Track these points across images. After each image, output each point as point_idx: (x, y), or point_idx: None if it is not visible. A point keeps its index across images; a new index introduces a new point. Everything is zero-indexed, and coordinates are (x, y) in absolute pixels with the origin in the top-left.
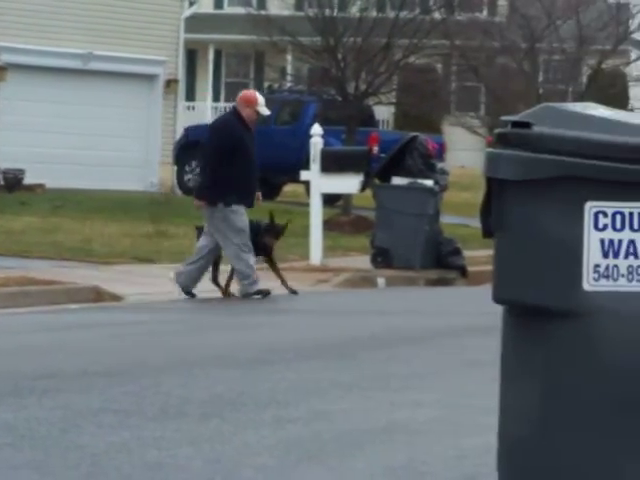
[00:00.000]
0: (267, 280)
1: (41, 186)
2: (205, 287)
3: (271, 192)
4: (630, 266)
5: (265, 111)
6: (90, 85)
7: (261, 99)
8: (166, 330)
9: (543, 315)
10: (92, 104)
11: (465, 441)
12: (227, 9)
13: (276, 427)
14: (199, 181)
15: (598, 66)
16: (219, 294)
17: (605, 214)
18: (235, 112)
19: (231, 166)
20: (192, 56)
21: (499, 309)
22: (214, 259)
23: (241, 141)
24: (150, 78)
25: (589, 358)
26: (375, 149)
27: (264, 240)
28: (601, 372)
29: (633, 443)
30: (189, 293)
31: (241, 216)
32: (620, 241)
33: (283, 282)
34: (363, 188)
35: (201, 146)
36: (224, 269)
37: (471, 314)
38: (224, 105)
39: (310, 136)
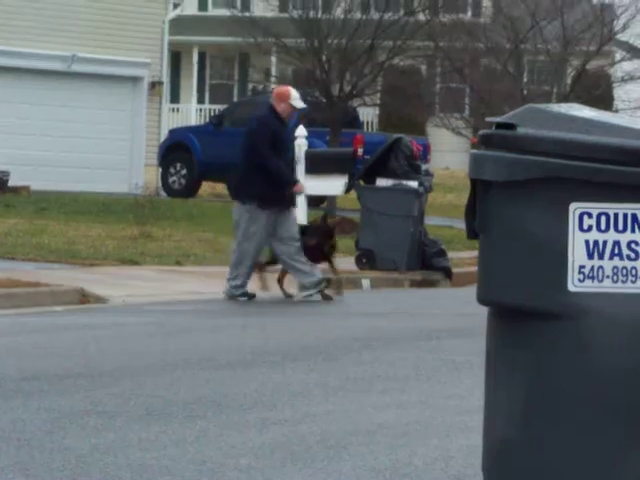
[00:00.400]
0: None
1: (26, 188)
2: (191, 289)
3: None
4: (615, 267)
5: (300, 104)
6: (74, 87)
7: (295, 93)
8: (151, 332)
9: (528, 316)
10: (76, 106)
11: (450, 442)
12: (211, 11)
13: (261, 429)
14: (277, 174)
15: (582, 67)
16: (205, 296)
17: (590, 215)
18: (271, 108)
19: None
20: (176, 58)
21: (484, 310)
22: (273, 260)
23: (279, 137)
24: (134, 80)
25: (574, 359)
26: (360, 151)
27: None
28: (586, 373)
29: (618, 443)
30: (247, 294)
31: (267, 217)
32: (605, 242)
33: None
34: (348, 190)
35: (241, 145)
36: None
37: (456, 316)
38: (209, 107)
39: (294, 138)
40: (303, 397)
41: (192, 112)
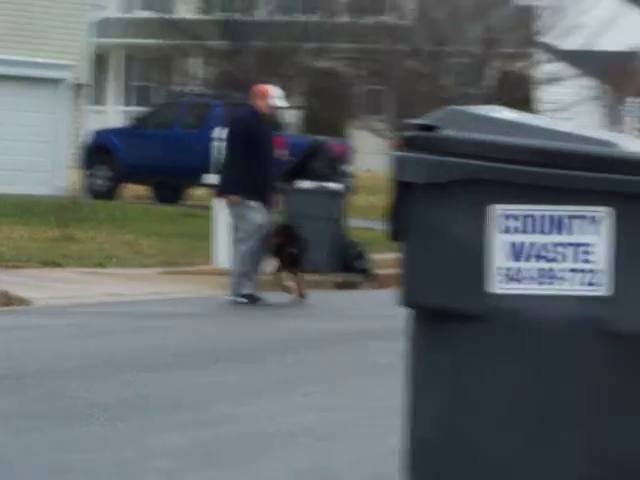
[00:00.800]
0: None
1: None
2: (113, 291)
3: (177, 196)
4: (537, 269)
5: (280, 103)
6: None
7: (274, 91)
8: (73, 334)
9: (449, 318)
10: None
11: (371, 444)
12: (135, 13)
13: (183, 430)
14: (221, 177)
15: (504, 69)
16: (127, 297)
17: (512, 217)
18: (251, 107)
19: (249, 160)
20: (101, 60)
21: (406, 312)
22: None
23: (258, 135)
24: (59, 82)
25: (495, 360)
26: (282, 153)
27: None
28: (508, 374)
29: (540, 443)
30: (252, 297)
31: (257, 213)
32: (527, 244)
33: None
34: None
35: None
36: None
37: (377, 317)
38: (131, 109)
39: (214, 140)
40: (225, 399)
41: (116, 114)
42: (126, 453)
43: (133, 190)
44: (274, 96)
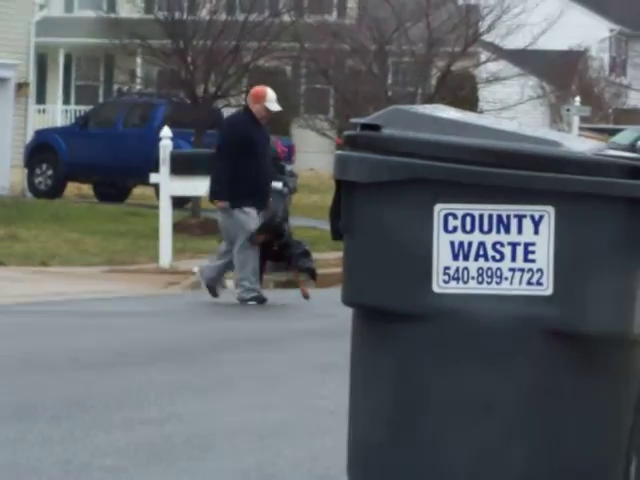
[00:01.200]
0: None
1: None
2: (57, 289)
3: (121, 194)
4: (480, 268)
5: (274, 107)
6: None
7: (271, 95)
8: (16, 332)
9: (393, 317)
10: None
11: (315, 443)
12: (77, 12)
13: (126, 429)
14: (211, 181)
15: (447, 68)
16: (71, 296)
17: (455, 216)
18: (246, 109)
19: (241, 165)
20: (43, 59)
21: (349, 311)
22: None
23: (250, 139)
24: (2, 82)
25: (438, 359)
26: None
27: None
28: (450, 373)
29: (483, 441)
30: (212, 289)
31: (253, 219)
32: (470, 243)
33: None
34: None
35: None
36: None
37: (320, 316)
38: (74, 108)
39: (159, 139)
40: (168, 397)
41: (58, 113)
42: (71, 451)
43: (76, 189)
44: (271, 99)
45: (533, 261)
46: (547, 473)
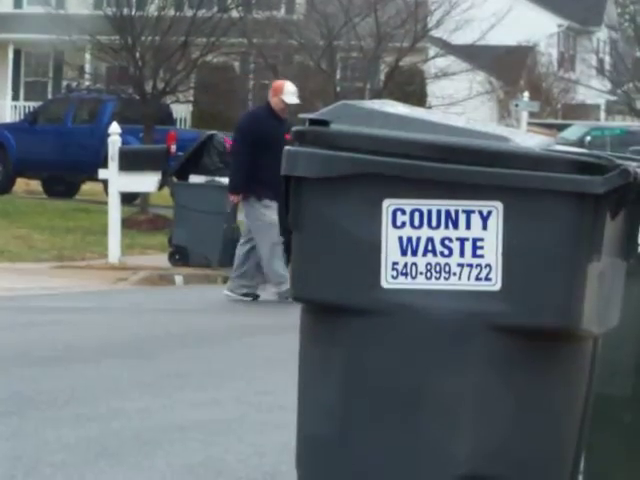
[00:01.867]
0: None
1: None
2: (5, 285)
3: (70, 190)
4: (428, 264)
5: (291, 100)
6: None
7: (289, 88)
8: None
9: (341, 313)
10: None
11: (264, 439)
12: (26, 8)
13: (75, 425)
14: (230, 175)
15: (396, 63)
16: (19, 292)
17: (403, 212)
18: (267, 103)
19: (261, 158)
20: None
21: (297, 307)
22: None
23: (268, 132)
24: None
25: (387, 355)
26: (173, 147)
27: None
28: (399, 369)
29: (431, 438)
30: (251, 295)
31: (272, 211)
32: (418, 238)
33: None
34: (161, 186)
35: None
36: None
37: (269, 312)
38: (23, 104)
39: (108, 135)
40: (118, 393)
41: (7, 109)
42: (21, 447)
43: (25, 184)
44: (288, 92)
45: (482, 256)
46: (495, 468)
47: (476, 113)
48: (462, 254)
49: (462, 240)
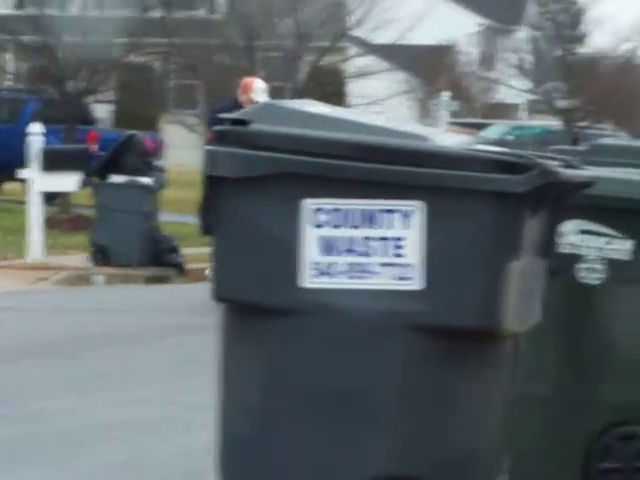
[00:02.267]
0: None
1: None
2: None
3: None
4: (349, 263)
5: (260, 97)
6: None
7: (259, 85)
8: None
9: (262, 313)
10: None
11: (187, 438)
12: None
13: None
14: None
15: (316, 63)
16: None
17: (323, 211)
18: (235, 99)
19: None
20: None
21: (218, 307)
22: None
23: None
24: None
25: (307, 355)
26: (94, 147)
27: None
28: (319, 369)
29: (354, 439)
30: None
31: None
32: (339, 238)
33: None
34: (82, 186)
35: None
36: None
37: (190, 312)
38: None
39: (29, 134)
40: (40, 393)
41: None
42: None
43: None
44: (258, 90)
45: (403, 256)
46: (415, 468)
47: (396, 113)
48: (383, 254)
49: (383, 240)
